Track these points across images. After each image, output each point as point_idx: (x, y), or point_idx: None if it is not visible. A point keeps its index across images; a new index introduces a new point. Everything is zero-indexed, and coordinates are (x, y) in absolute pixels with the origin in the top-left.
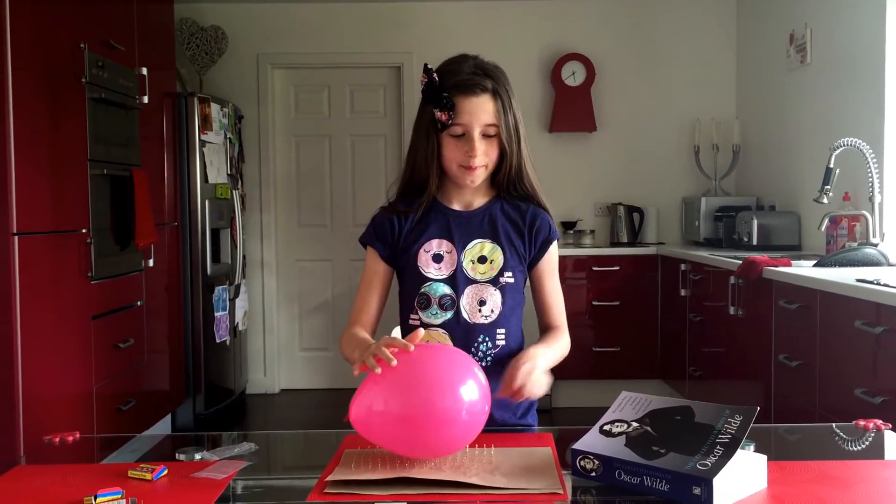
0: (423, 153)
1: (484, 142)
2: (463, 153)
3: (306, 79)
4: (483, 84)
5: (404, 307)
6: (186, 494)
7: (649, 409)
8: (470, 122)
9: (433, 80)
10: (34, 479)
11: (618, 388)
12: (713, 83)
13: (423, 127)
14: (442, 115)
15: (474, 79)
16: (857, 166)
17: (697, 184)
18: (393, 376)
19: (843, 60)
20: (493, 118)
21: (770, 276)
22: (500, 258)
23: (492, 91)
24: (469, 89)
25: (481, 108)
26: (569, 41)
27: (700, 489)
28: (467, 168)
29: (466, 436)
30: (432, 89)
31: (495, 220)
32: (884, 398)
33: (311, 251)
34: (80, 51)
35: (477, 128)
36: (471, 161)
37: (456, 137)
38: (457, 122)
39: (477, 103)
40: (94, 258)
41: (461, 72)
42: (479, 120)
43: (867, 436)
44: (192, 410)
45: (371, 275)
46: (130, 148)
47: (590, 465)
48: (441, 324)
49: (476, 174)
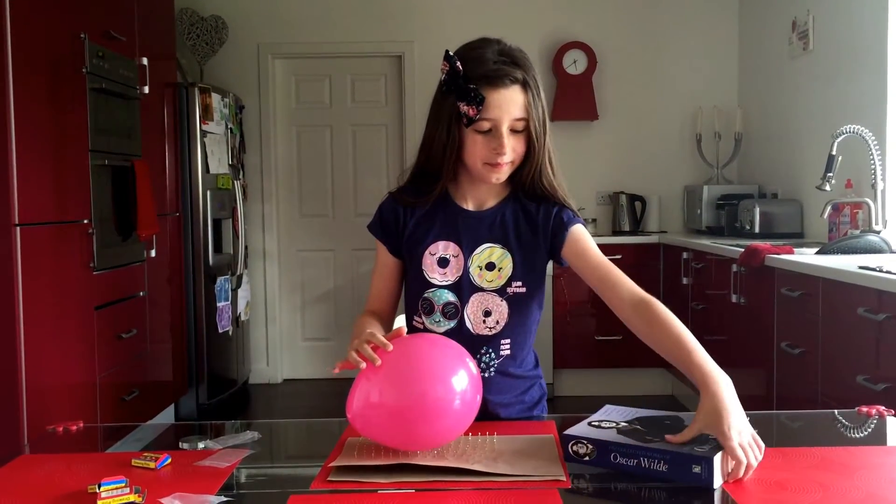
0: (440, 146)
1: (512, 137)
2: (490, 150)
3: (307, 68)
4: (513, 74)
5: (409, 307)
6: (190, 483)
7: (637, 416)
8: (499, 116)
9: (456, 69)
10: (38, 469)
11: (620, 376)
12: (715, 71)
13: (443, 119)
14: (469, 109)
15: (503, 69)
16: (859, 153)
17: (699, 172)
18: (383, 370)
19: (845, 47)
20: (522, 111)
21: (772, 264)
22: (509, 266)
23: (521, 82)
24: (498, 81)
25: (511, 101)
26: (570, 29)
27: (700, 467)
28: (493, 165)
29: (459, 426)
30: (456, 79)
31: (507, 223)
32: (886, 385)
33: (313, 241)
34: (81, 41)
35: (506, 122)
36: (499, 158)
37: (482, 133)
38: (484, 116)
39: (507, 96)
40: (96, 249)
41: (486, 60)
42: (509, 114)
43: (869, 422)
44: (195, 401)
45: (382, 266)
46: (131, 138)
47: (583, 450)
48: (443, 332)
49: (502, 171)
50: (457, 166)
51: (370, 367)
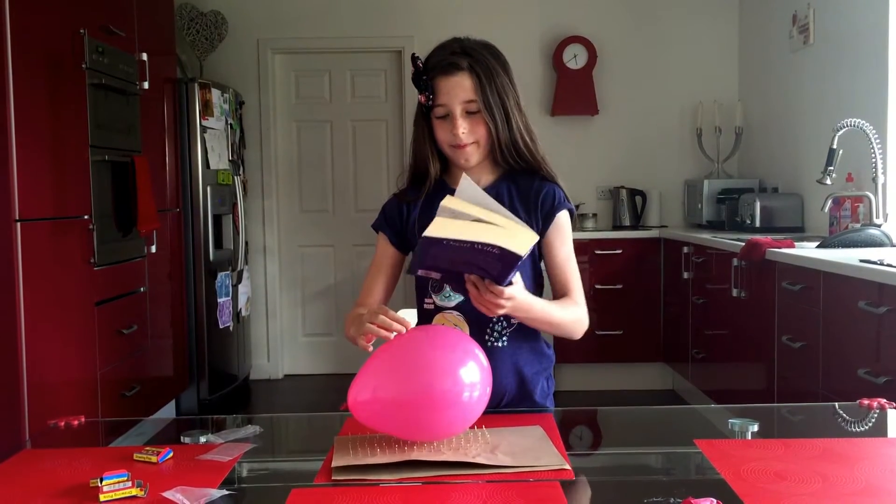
0: (418, 138)
1: (468, 119)
2: (448, 132)
3: (307, 64)
4: (458, 63)
5: (419, 293)
6: (192, 476)
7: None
8: (449, 101)
9: (417, 66)
10: (40, 463)
11: (621, 371)
12: (715, 65)
13: (416, 114)
14: (422, 97)
15: (450, 58)
16: (860, 147)
17: (700, 166)
18: (390, 361)
19: (846, 41)
20: (471, 94)
21: (773, 258)
22: None
23: (468, 68)
24: (445, 69)
25: (458, 85)
26: (570, 24)
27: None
28: (456, 147)
29: (468, 418)
30: (416, 75)
31: (502, 198)
32: (887, 378)
33: (313, 237)
34: (80, 36)
35: (457, 106)
36: (456, 140)
37: (441, 119)
38: (437, 102)
39: (455, 82)
40: (96, 244)
41: (441, 54)
42: (458, 98)
43: (871, 415)
44: (196, 396)
45: (380, 259)
46: (131, 134)
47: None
48: (455, 306)
49: (467, 152)
50: (442, 157)
51: (375, 359)
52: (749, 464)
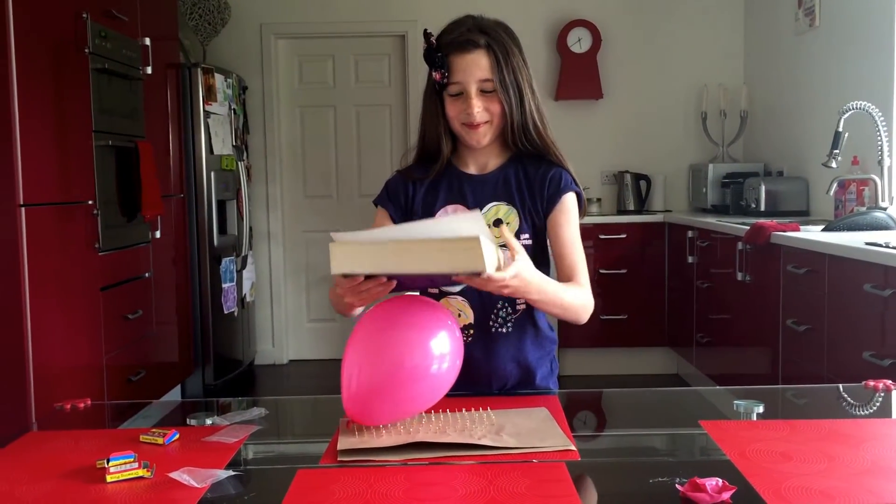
0: (430, 117)
1: (482, 98)
2: (462, 111)
3: (310, 48)
4: (476, 40)
5: None
6: (198, 458)
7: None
8: (464, 79)
9: (431, 43)
10: (46, 445)
11: (625, 356)
12: (720, 48)
13: (427, 91)
14: (437, 74)
15: (467, 35)
16: (865, 130)
17: (705, 150)
18: (362, 351)
19: (851, 23)
20: (487, 73)
21: (778, 242)
22: (515, 220)
23: (485, 46)
24: (461, 46)
25: (475, 63)
26: (574, 7)
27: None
28: (470, 126)
29: (444, 383)
30: (430, 52)
31: (510, 181)
32: (892, 360)
33: (318, 222)
34: (83, 21)
35: (473, 84)
36: (470, 118)
37: (455, 97)
38: (452, 80)
39: (471, 60)
40: (100, 230)
41: (456, 31)
42: (474, 76)
43: (876, 396)
44: (201, 381)
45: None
46: (135, 119)
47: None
48: (460, 292)
49: (480, 132)
50: (453, 137)
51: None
52: (754, 444)
